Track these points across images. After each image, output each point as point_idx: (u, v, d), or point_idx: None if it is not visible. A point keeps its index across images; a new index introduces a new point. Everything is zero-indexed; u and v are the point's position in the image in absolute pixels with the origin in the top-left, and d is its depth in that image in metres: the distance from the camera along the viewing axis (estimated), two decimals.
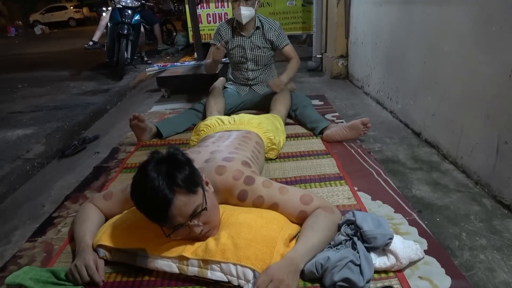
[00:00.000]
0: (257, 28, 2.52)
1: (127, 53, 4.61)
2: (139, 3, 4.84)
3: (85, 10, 23.80)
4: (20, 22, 21.88)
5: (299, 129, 2.32)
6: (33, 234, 1.43)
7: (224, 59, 2.88)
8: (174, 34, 7.63)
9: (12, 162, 2.27)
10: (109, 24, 4.83)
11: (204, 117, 2.38)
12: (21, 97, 4.09)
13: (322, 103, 2.90)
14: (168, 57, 6.09)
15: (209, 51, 2.66)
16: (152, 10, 6.87)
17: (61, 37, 13.78)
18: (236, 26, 2.55)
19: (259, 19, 2.53)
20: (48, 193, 1.80)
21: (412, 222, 1.32)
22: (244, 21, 2.44)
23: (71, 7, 23.29)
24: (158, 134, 2.33)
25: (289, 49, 2.57)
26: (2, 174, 2.11)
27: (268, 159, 1.89)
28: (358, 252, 1.08)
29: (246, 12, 2.40)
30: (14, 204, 1.77)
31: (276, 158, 1.92)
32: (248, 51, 2.57)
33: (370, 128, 2.06)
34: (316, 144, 2.09)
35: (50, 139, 2.63)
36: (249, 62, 2.61)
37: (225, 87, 2.74)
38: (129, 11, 4.63)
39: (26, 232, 1.46)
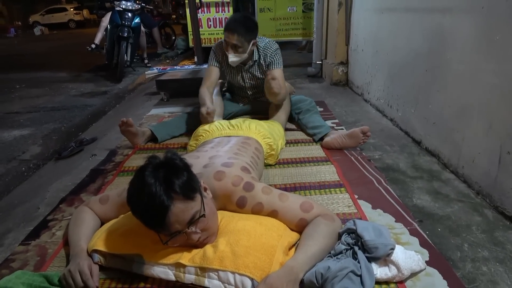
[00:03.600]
0: (255, 61, 2.34)
1: (126, 55, 4.60)
2: (139, 6, 4.84)
3: (85, 12, 23.84)
4: (19, 23, 21.88)
5: (298, 135, 2.31)
6: (27, 237, 1.40)
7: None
8: (173, 38, 7.62)
9: (7, 163, 2.24)
10: (108, 26, 4.82)
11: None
12: (18, 98, 4.06)
13: (321, 109, 2.88)
14: (168, 61, 6.08)
15: (207, 72, 2.42)
16: (151, 13, 6.86)
17: (61, 39, 13.77)
18: None
19: (258, 52, 2.31)
20: (44, 195, 1.77)
21: (413, 232, 1.30)
22: (234, 65, 2.31)
23: (71, 9, 23.32)
24: (154, 138, 2.30)
25: (278, 74, 2.24)
26: None
27: (267, 165, 1.87)
28: (359, 262, 1.06)
29: (235, 59, 2.23)
30: (8, 206, 1.74)
31: (275, 164, 1.90)
32: (247, 81, 2.46)
33: (370, 136, 2.05)
34: (316, 150, 2.07)
35: (47, 141, 2.60)
36: (248, 90, 2.53)
37: (224, 92, 2.72)
38: (129, 14, 4.64)
39: (19, 235, 1.43)
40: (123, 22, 4.57)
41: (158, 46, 6.76)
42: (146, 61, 5.73)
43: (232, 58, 2.23)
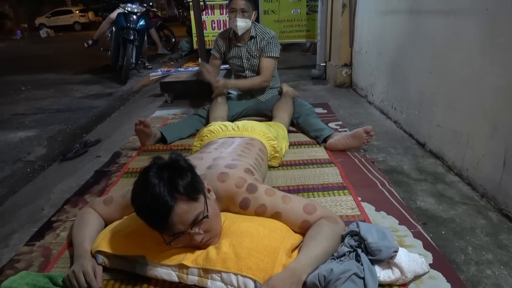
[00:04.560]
0: (252, 37, 2.53)
1: (131, 58, 4.63)
2: (144, 9, 4.87)
3: (90, 14, 24.00)
4: (25, 25, 22.07)
5: (302, 137, 2.31)
6: (31, 238, 1.41)
7: (226, 65, 2.89)
8: (173, 39, 7.63)
9: (13, 164, 2.27)
10: (113, 28, 4.85)
11: (207, 123, 2.37)
12: (24, 99, 4.10)
13: (325, 111, 2.88)
14: (172, 63, 6.11)
15: (209, 61, 2.71)
16: (148, 15, 6.86)
17: (66, 41, 13.87)
18: (232, 36, 2.56)
19: (255, 29, 2.53)
20: (48, 196, 1.78)
21: (417, 235, 1.30)
22: (240, 32, 2.46)
23: (77, 11, 23.49)
24: (162, 139, 2.31)
25: (267, 62, 2.52)
26: (2, 176, 2.10)
27: (271, 167, 1.87)
28: (362, 265, 1.05)
29: (242, 24, 2.42)
30: (14, 206, 1.75)
31: (279, 166, 1.90)
32: (245, 60, 2.58)
33: (374, 137, 2.04)
34: (319, 152, 2.07)
35: (52, 142, 2.63)
36: (247, 71, 2.62)
37: (228, 94, 2.74)
38: (134, 17, 4.67)
39: (24, 236, 1.44)
40: (128, 24, 4.60)
41: (158, 47, 6.75)
42: (146, 63, 5.74)
43: (240, 22, 2.41)
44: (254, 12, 2.47)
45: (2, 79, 5.57)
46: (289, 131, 2.32)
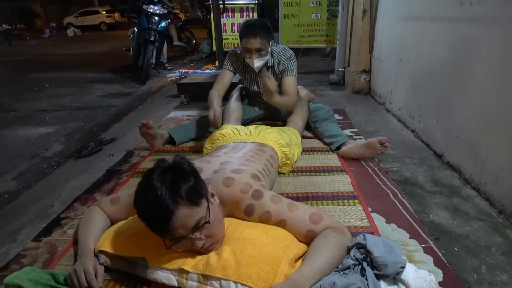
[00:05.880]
0: (270, 67, 2.34)
1: (152, 58, 4.70)
2: (166, 10, 4.93)
3: (116, 15, 24.56)
4: (54, 24, 22.78)
5: (315, 143, 2.27)
6: (39, 234, 1.43)
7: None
8: (194, 41, 7.72)
9: (30, 159, 2.32)
10: (135, 29, 4.94)
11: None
12: (47, 96, 4.21)
13: (341, 117, 2.83)
14: (191, 64, 6.16)
15: (220, 75, 2.43)
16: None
17: (92, 40, 14.23)
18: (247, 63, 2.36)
19: (272, 58, 2.32)
20: (59, 193, 1.81)
21: (428, 250, 1.25)
22: (257, 70, 2.31)
23: (104, 12, 24.08)
24: (172, 141, 2.32)
25: (290, 82, 2.26)
26: (20, 170, 2.15)
27: (281, 173, 1.84)
28: (366, 279, 1.02)
29: (259, 64, 2.24)
30: (26, 201, 1.79)
31: (289, 172, 1.87)
32: (262, 87, 2.41)
33: (389, 146, 1.98)
34: (331, 159, 2.02)
35: (69, 139, 2.67)
36: (264, 95, 2.53)
37: (243, 97, 2.71)
38: (156, 18, 4.73)
39: (32, 231, 1.46)
40: (150, 25, 4.67)
41: (174, 39, 6.78)
42: (166, 64, 5.80)
43: (258, 63, 2.24)
44: (270, 43, 2.24)
45: (28, 75, 5.75)
46: (303, 137, 2.29)
